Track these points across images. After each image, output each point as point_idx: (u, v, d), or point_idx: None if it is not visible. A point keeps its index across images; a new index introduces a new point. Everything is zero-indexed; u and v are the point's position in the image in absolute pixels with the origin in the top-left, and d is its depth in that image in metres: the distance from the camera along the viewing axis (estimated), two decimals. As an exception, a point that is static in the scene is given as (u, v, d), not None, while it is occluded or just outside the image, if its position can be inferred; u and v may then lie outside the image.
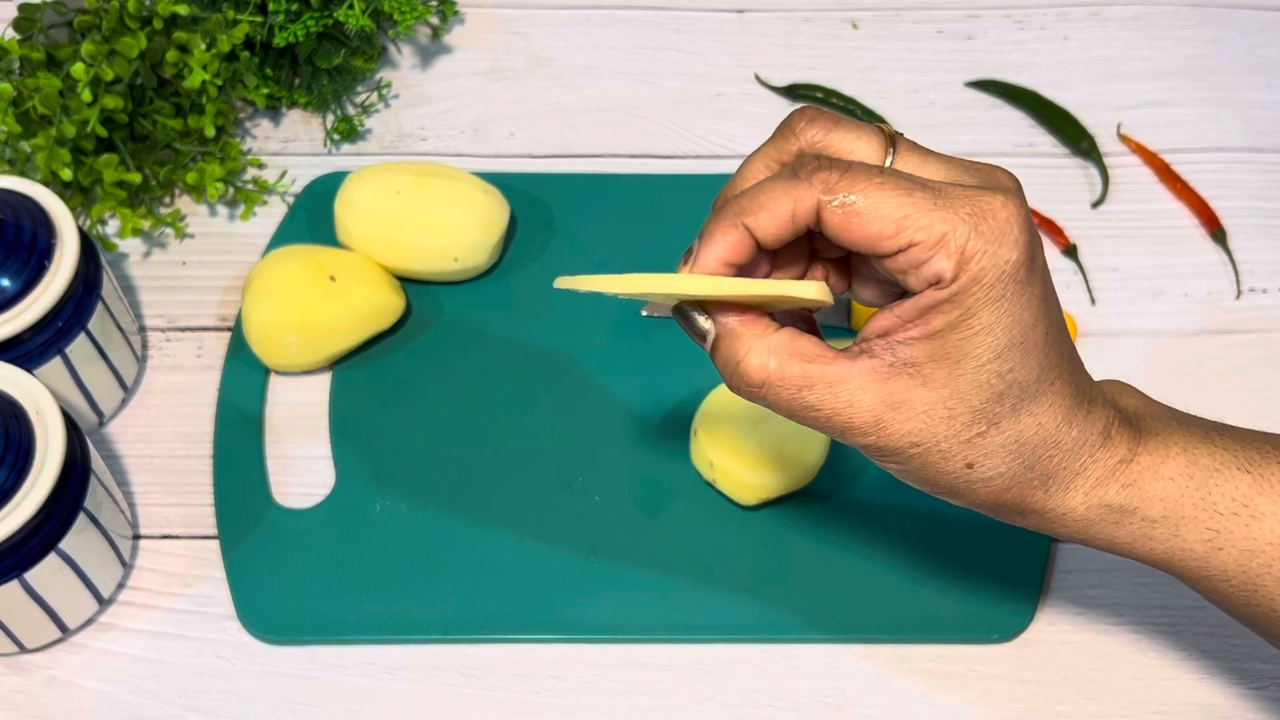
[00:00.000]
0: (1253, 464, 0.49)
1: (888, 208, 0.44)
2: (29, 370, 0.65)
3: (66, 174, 0.72)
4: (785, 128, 0.48)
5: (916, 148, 0.47)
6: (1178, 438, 0.49)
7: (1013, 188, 0.45)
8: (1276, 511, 0.47)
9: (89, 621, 0.67)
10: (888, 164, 0.46)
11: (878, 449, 0.47)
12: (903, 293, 0.46)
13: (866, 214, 0.44)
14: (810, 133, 0.47)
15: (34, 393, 0.62)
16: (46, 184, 0.74)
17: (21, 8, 0.76)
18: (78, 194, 0.78)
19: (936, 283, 0.44)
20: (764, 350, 0.46)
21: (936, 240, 0.43)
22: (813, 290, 0.45)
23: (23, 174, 0.75)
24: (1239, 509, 0.48)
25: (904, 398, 0.45)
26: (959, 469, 0.46)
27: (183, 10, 0.74)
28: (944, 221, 0.43)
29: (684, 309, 0.47)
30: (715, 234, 0.46)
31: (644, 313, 0.49)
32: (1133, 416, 0.50)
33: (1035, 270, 0.45)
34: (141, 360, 0.75)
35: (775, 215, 0.45)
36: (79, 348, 0.68)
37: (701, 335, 0.47)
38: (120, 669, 0.66)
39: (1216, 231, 0.80)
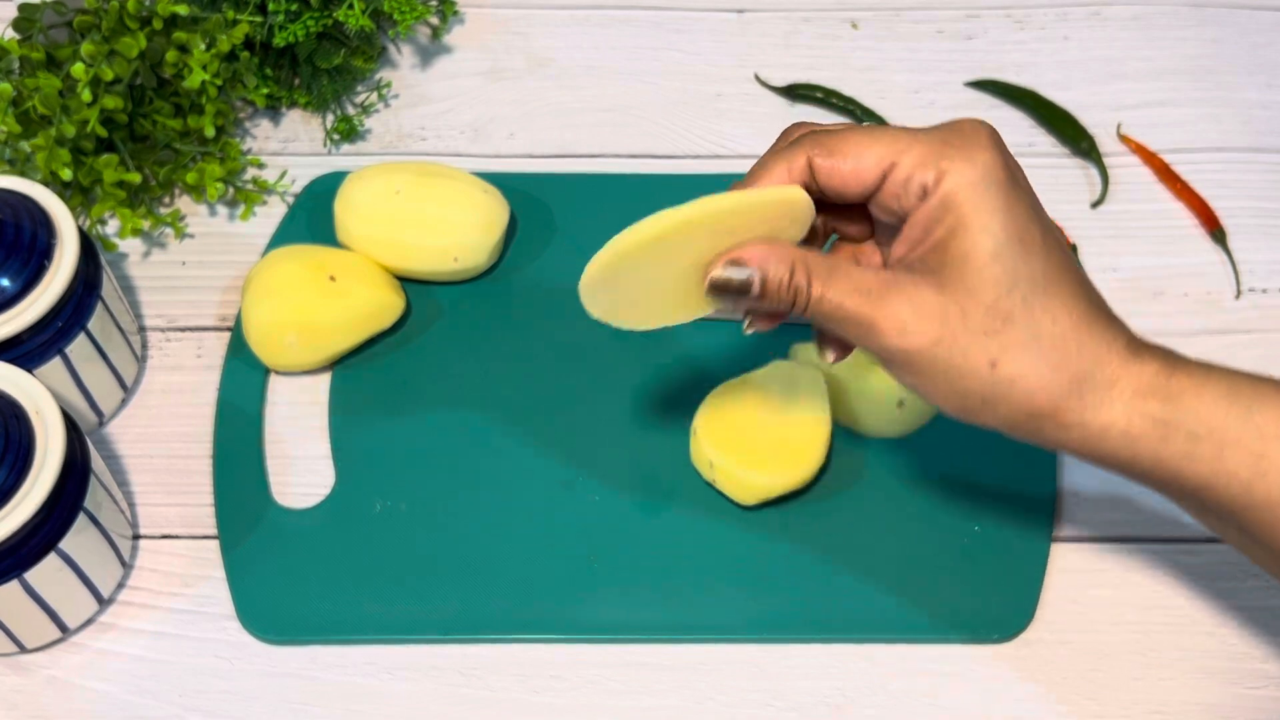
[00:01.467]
0: None
1: (867, 143, 0.50)
2: (29, 370, 0.65)
3: (66, 174, 0.72)
4: (783, 133, 0.54)
5: None
6: (1216, 369, 0.50)
7: (978, 120, 0.51)
8: None
9: (89, 621, 0.67)
10: None
11: (903, 352, 0.49)
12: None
13: (851, 154, 0.50)
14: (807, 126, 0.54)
15: (34, 393, 0.62)
16: (46, 184, 0.74)
17: (21, 8, 0.76)
18: (77, 194, 0.78)
19: (924, 196, 0.49)
20: (803, 261, 0.50)
21: (915, 160, 0.49)
22: (793, 192, 0.51)
23: (22, 174, 0.75)
24: None
25: (922, 300, 0.49)
26: (983, 368, 0.48)
27: (182, 10, 0.74)
28: (919, 143, 0.49)
29: (718, 280, 0.51)
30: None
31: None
32: (1164, 349, 0.50)
33: (1017, 180, 0.49)
34: (141, 360, 0.75)
35: (773, 178, 0.51)
36: (79, 348, 0.68)
37: (745, 285, 0.51)
38: (120, 669, 0.66)
39: (1216, 231, 0.80)
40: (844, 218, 0.54)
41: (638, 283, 0.55)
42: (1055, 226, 0.50)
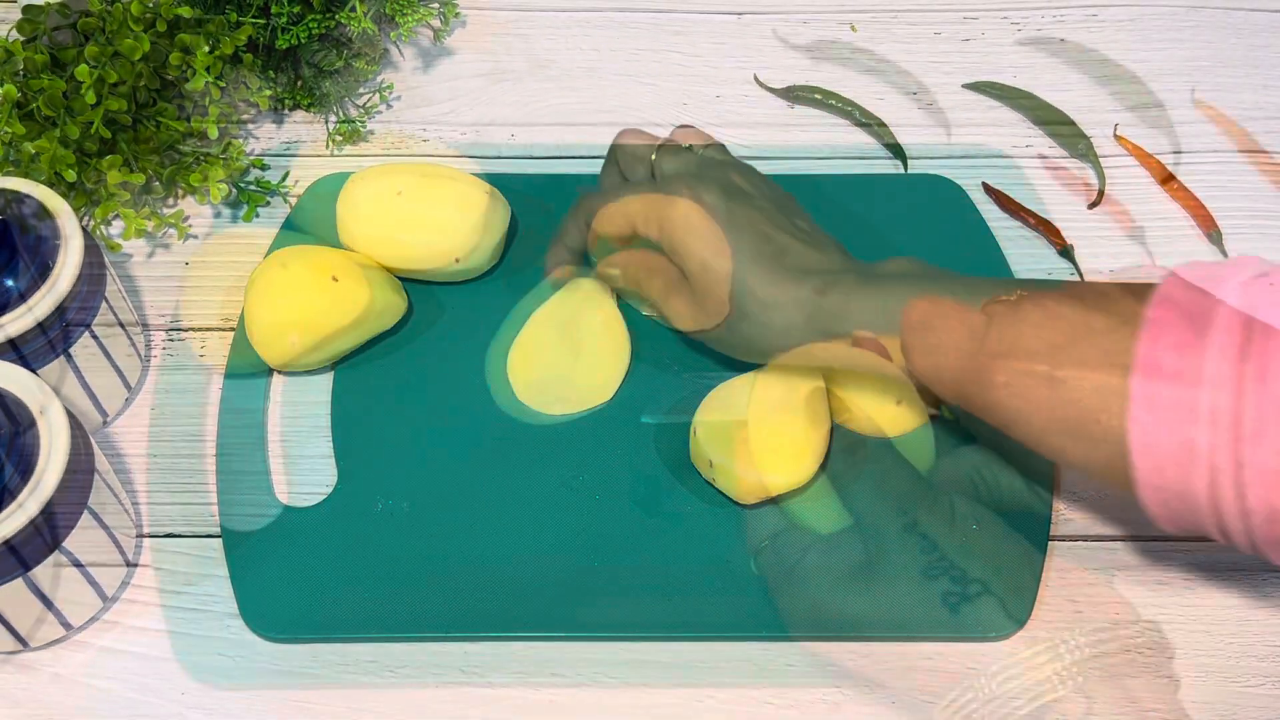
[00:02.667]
0: (936, 294, 0.63)
1: (618, 205, 0.71)
2: (33, 370, 0.66)
3: (71, 175, 0.73)
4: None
5: None
6: (882, 283, 0.65)
7: (682, 189, 0.69)
8: (953, 327, 0.61)
9: (93, 619, 0.67)
10: None
11: (686, 331, 0.70)
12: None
13: (611, 215, 0.71)
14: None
15: (38, 392, 0.62)
16: (50, 185, 0.74)
17: (26, 10, 0.77)
18: (81, 195, 0.78)
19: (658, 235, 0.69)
20: (638, 264, 0.72)
21: (644, 217, 0.69)
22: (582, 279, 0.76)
23: (27, 175, 0.76)
24: (921, 326, 0.63)
25: (686, 302, 0.69)
26: (726, 334, 0.68)
27: (186, 13, 0.75)
28: (650, 202, 0.69)
29: (603, 273, 0.74)
30: (550, 253, 0.76)
31: (646, 313, 0.70)
32: (852, 285, 0.65)
33: (715, 213, 0.67)
34: (145, 360, 0.75)
35: (575, 234, 0.74)
36: (83, 348, 0.68)
37: (618, 277, 0.73)
38: (124, 667, 0.66)
39: (1213, 233, 0.80)
40: None
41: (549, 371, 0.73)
42: (765, 232, 0.67)
